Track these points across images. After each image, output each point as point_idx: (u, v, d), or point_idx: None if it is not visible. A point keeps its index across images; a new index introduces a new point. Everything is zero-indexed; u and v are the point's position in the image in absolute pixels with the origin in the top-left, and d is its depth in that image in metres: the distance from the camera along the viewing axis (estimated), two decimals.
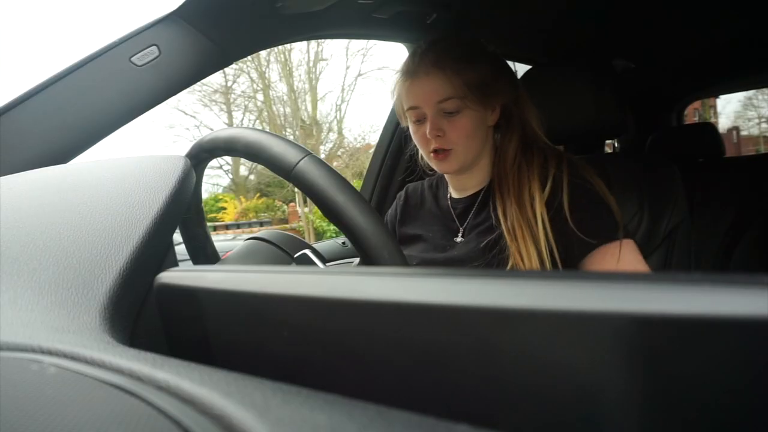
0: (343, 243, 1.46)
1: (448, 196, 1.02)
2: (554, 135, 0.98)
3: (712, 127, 1.90)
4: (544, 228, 0.82)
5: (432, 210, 1.03)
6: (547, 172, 0.87)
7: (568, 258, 0.83)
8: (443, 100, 0.86)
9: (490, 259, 0.86)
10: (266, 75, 12.87)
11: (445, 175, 1.01)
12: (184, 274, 0.32)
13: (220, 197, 14.62)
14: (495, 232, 0.87)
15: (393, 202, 1.15)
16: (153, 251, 0.37)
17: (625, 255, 0.81)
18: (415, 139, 0.94)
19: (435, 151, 0.89)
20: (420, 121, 0.90)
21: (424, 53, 0.88)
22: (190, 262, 0.68)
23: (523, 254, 0.81)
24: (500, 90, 0.90)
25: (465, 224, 0.96)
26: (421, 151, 0.96)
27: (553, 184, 0.85)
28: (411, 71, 0.89)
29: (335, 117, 13.16)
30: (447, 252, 0.94)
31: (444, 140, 0.88)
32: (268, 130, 0.52)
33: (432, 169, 0.99)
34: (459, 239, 0.96)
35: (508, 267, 0.82)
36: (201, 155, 0.56)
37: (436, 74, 0.86)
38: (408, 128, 0.97)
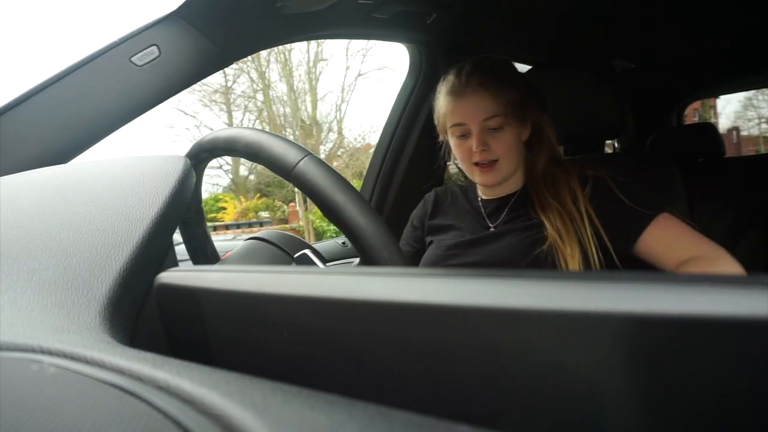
0: (343, 243, 1.46)
1: (479, 198, 1.09)
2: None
3: (712, 128, 1.89)
4: (591, 224, 0.89)
5: (464, 206, 1.10)
6: (585, 174, 0.95)
7: (621, 244, 0.88)
8: (489, 117, 0.94)
9: (533, 258, 0.90)
10: (266, 75, 12.87)
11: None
12: (184, 274, 0.32)
13: (220, 197, 14.62)
14: (533, 231, 0.93)
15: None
16: (153, 251, 0.37)
17: (679, 222, 0.89)
18: (458, 153, 1.01)
19: (479, 164, 0.97)
20: (464, 136, 0.97)
21: (470, 74, 0.95)
22: (190, 262, 0.68)
23: (567, 254, 0.87)
24: (533, 108, 0.99)
25: (498, 222, 1.02)
26: (461, 165, 1.03)
27: (594, 183, 0.93)
28: (458, 91, 0.96)
29: (335, 117, 13.17)
30: (480, 234, 1.00)
31: (489, 153, 0.95)
32: (268, 130, 0.52)
33: (464, 179, 1.06)
34: (491, 230, 1.02)
35: (554, 263, 0.88)
36: (201, 155, 0.56)
37: (483, 94, 0.94)
38: (442, 141, 1.05)
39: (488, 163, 0.96)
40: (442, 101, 1.00)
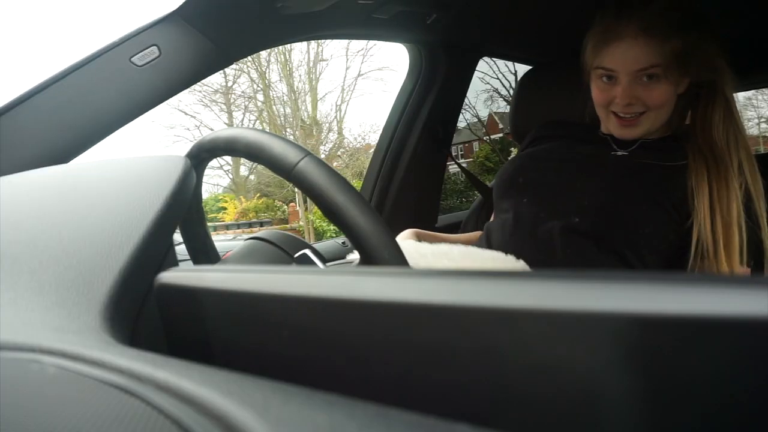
0: (343, 243, 1.46)
1: (603, 132, 0.94)
2: None
3: None
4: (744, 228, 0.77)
5: (579, 136, 0.97)
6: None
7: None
8: (645, 68, 0.80)
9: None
10: (266, 75, 12.87)
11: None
12: (184, 274, 0.32)
13: (220, 197, 14.62)
14: (678, 177, 0.80)
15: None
16: (153, 251, 0.37)
17: None
18: (597, 100, 0.87)
19: (618, 115, 0.84)
20: (610, 81, 0.84)
21: (633, 14, 0.80)
22: (190, 262, 0.68)
23: (720, 253, 0.76)
24: (701, 63, 0.82)
25: (630, 148, 0.89)
26: (596, 107, 0.89)
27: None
28: (615, 32, 0.81)
29: (335, 117, 13.16)
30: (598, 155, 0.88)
31: (635, 107, 0.83)
32: (268, 130, 0.52)
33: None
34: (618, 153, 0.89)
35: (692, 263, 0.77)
36: (201, 155, 0.56)
37: (645, 41, 0.79)
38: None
39: (632, 117, 0.83)
40: (592, 39, 0.86)
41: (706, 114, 0.85)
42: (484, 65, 8.36)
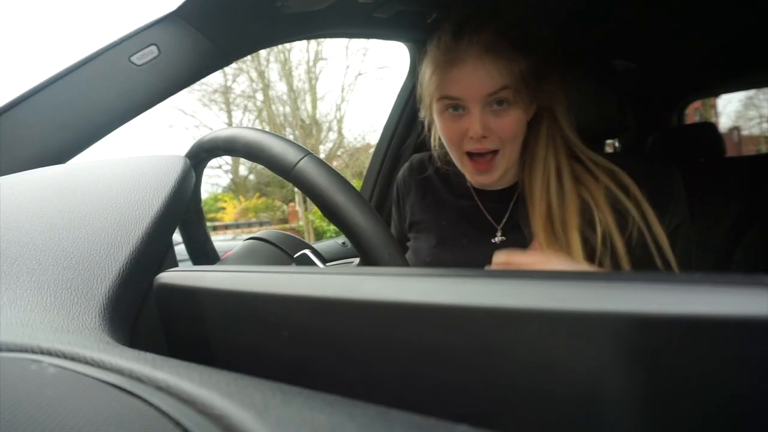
0: (343, 243, 1.46)
1: (468, 183, 0.84)
2: None
3: (712, 127, 1.89)
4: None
5: (446, 198, 0.86)
6: (623, 184, 0.74)
7: None
8: (495, 92, 0.69)
9: None
10: (266, 74, 12.87)
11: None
12: (184, 274, 0.32)
13: (220, 197, 14.63)
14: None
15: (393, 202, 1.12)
16: (153, 251, 0.37)
17: None
18: (446, 138, 0.76)
19: (473, 157, 0.74)
20: (456, 113, 0.73)
21: (475, 34, 0.70)
22: (190, 262, 0.68)
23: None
24: (551, 83, 0.75)
25: (502, 224, 0.80)
26: (450, 151, 0.78)
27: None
28: (454, 57, 0.71)
29: (335, 117, 13.17)
30: (481, 248, 0.78)
31: (489, 141, 0.72)
32: (267, 130, 0.52)
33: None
34: (497, 240, 0.80)
35: None
36: (200, 155, 0.56)
37: (491, 61, 0.69)
38: (424, 121, 0.81)
39: (487, 156, 0.73)
40: (430, 66, 0.76)
41: (532, 142, 0.77)
42: None
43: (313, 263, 0.58)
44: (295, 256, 0.59)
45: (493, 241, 0.80)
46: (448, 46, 0.72)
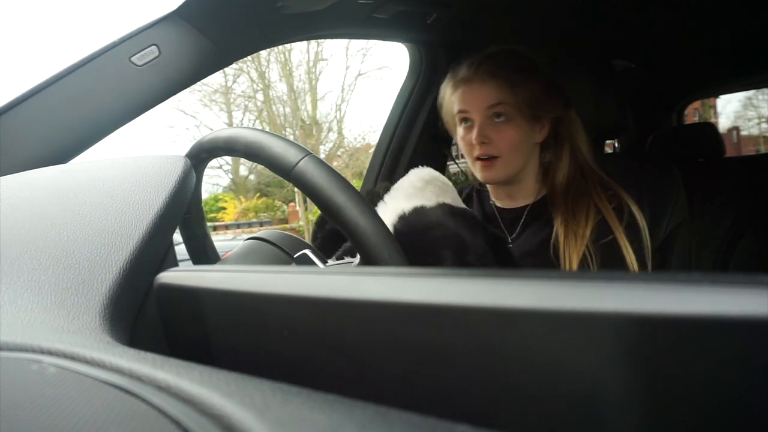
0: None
1: (492, 202, 1.03)
2: None
3: (712, 127, 1.89)
4: (601, 255, 0.83)
5: (476, 212, 1.02)
6: (617, 197, 0.89)
7: None
8: (493, 105, 0.88)
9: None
10: (266, 75, 12.87)
11: (488, 186, 1.03)
12: (184, 274, 0.32)
13: (220, 197, 14.62)
14: (550, 248, 0.87)
15: None
16: (153, 251, 0.37)
17: None
18: (462, 146, 0.95)
19: (480, 159, 0.91)
20: (468, 126, 0.92)
21: (481, 63, 0.91)
22: (190, 262, 0.68)
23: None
24: (550, 107, 0.92)
25: (514, 234, 0.97)
26: (466, 159, 0.97)
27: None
28: (466, 79, 0.91)
29: (335, 117, 13.16)
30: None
31: (490, 147, 0.89)
32: (268, 130, 0.52)
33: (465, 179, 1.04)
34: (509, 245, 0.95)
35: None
36: (201, 155, 0.56)
37: (490, 82, 0.88)
38: (444, 135, 0.98)
39: (489, 158, 0.90)
40: (448, 88, 0.96)
41: (554, 165, 0.95)
42: None
43: (313, 263, 0.58)
44: (296, 256, 0.59)
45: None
46: (461, 73, 0.94)
